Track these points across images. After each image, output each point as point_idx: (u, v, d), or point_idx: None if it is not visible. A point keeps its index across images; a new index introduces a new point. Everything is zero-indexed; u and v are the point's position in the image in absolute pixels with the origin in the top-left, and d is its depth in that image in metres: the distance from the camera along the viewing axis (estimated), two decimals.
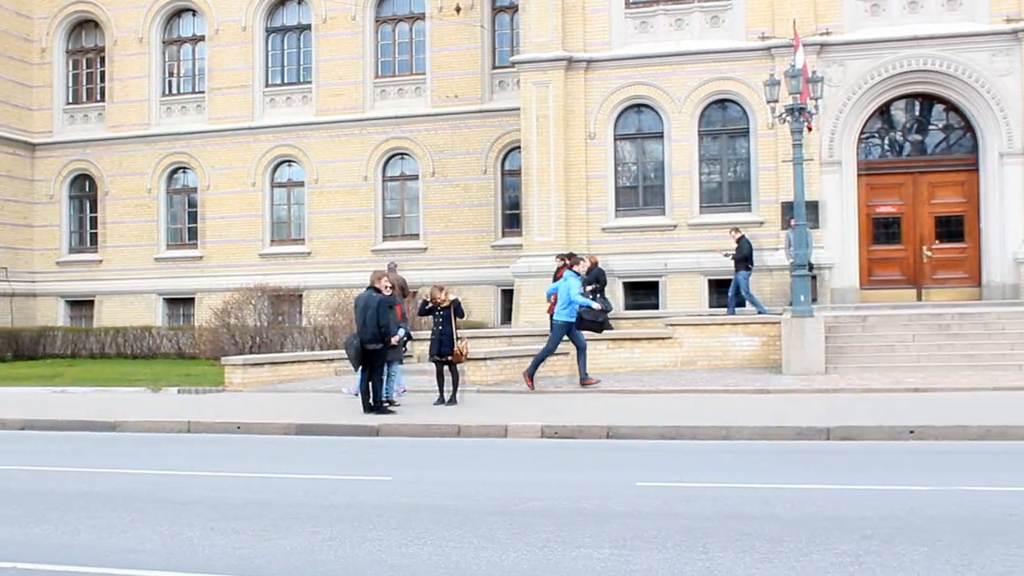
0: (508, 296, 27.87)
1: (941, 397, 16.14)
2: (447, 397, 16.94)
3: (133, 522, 8.75)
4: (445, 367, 17.00)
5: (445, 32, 29.86)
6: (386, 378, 16.73)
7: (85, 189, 34.00)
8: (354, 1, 30.53)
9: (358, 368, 16.45)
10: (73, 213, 34.17)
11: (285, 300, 29.01)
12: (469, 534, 8.07)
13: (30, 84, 33.76)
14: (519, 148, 27.52)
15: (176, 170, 32.79)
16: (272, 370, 21.34)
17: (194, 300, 31.47)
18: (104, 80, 33.57)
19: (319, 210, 30.87)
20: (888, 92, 25.06)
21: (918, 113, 25.67)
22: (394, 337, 16.31)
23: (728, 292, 23.33)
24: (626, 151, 26.77)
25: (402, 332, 17.00)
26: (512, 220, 29.10)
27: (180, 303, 32.20)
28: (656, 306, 25.41)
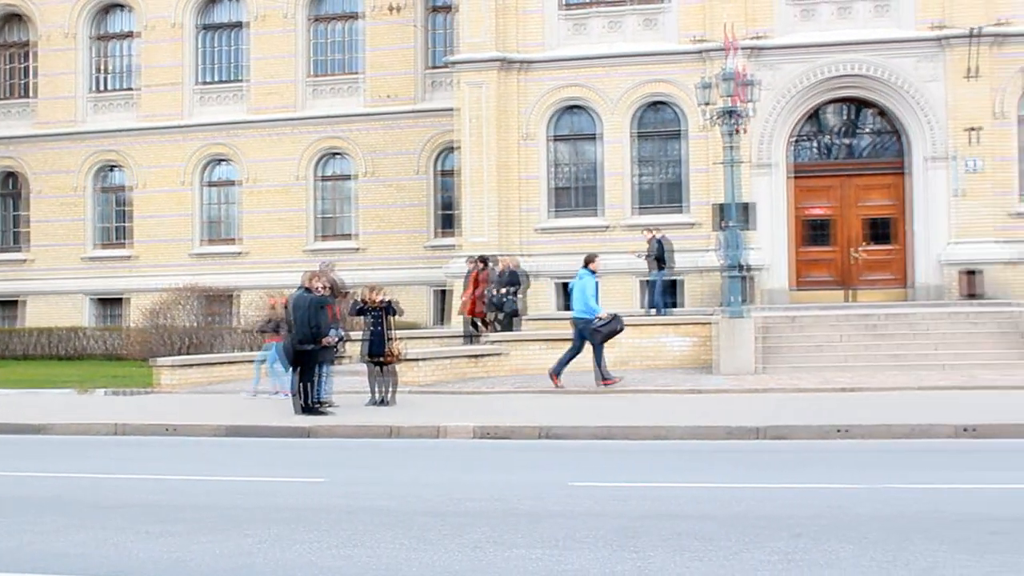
0: (442, 297, 27.82)
1: (869, 396, 16.38)
2: (381, 398, 16.86)
3: (63, 527, 8.60)
4: (379, 368, 16.91)
5: (380, 32, 29.71)
6: (320, 379, 16.61)
7: (11, 187, 33.34)
8: None
9: (291, 369, 16.31)
10: None
11: (217, 300, 28.69)
12: (403, 535, 8.04)
13: None
14: (454, 148, 27.50)
15: (106, 168, 32.26)
16: (204, 371, 21.09)
17: (124, 300, 30.97)
18: (32, 76, 32.93)
19: (252, 209, 30.57)
20: (819, 96, 25.41)
21: (848, 117, 26.07)
22: (327, 338, 16.20)
23: (648, 294, 23.41)
24: (561, 152, 26.86)
25: (336, 333, 16.89)
26: (447, 220, 29.05)
27: (110, 303, 31.68)
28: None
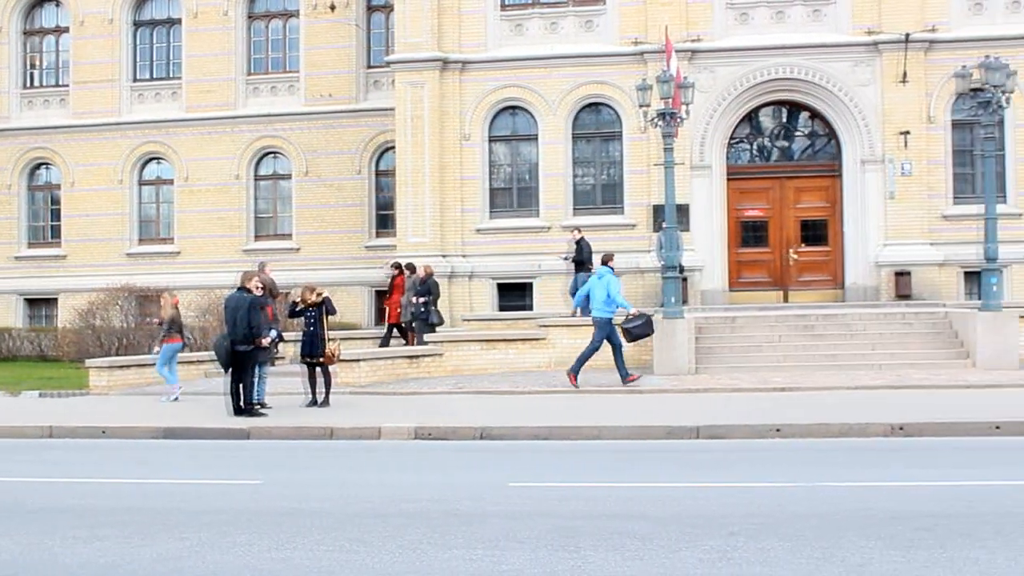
0: (381, 297, 27.68)
1: (805, 396, 16.58)
2: (319, 399, 16.76)
3: None
4: (316, 368, 16.81)
5: (319, 30, 29.51)
6: (257, 380, 16.48)
7: None
8: None
9: (227, 370, 16.15)
10: None
11: (153, 301, 28.25)
12: (341, 537, 8.00)
13: None
14: (393, 148, 27.38)
15: (38, 166, 31.67)
16: (139, 373, 20.81)
17: (57, 301, 30.44)
18: None
19: (188, 209, 30.21)
20: (756, 99, 25.69)
21: (784, 120, 26.38)
22: (265, 339, 16.07)
23: (574, 295, 23.38)
24: (500, 153, 26.88)
25: (273, 333, 16.77)
26: (385, 221, 28.92)
27: (42, 304, 31.13)
28: (529, 307, 25.57)
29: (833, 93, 25.06)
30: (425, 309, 21.91)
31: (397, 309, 23.03)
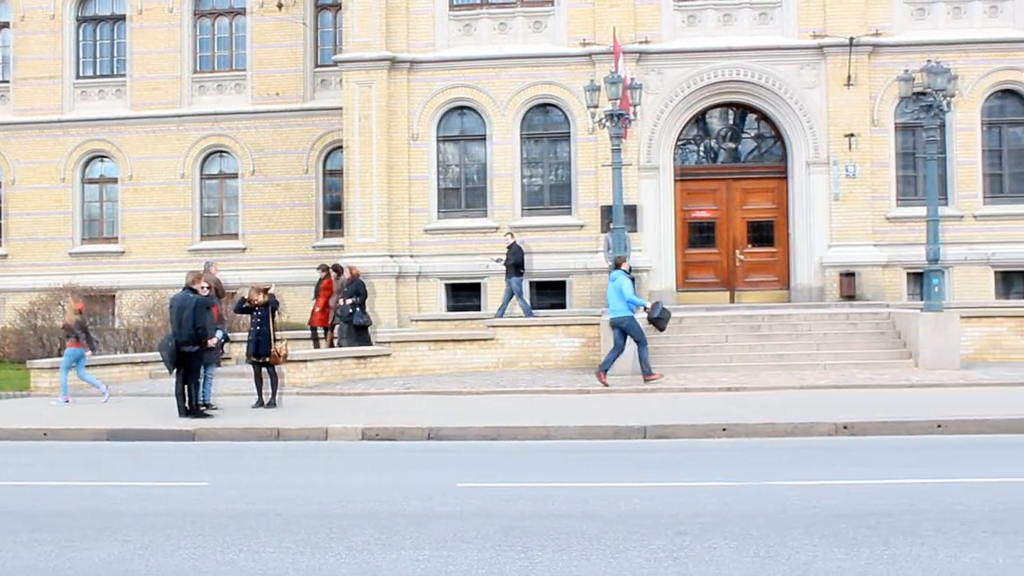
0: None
1: (752, 396, 16.71)
2: (267, 399, 16.63)
3: None
4: (264, 369, 16.68)
5: (267, 28, 29.28)
6: (203, 381, 16.32)
7: None
8: None
9: (173, 371, 15.98)
10: None
11: (97, 301, 27.90)
12: (288, 539, 7.95)
13: None
14: (342, 148, 27.24)
15: None
16: None
17: None
18: None
19: (134, 208, 29.86)
20: (704, 101, 25.87)
21: (732, 122, 26.59)
22: (212, 339, 15.93)
23: (504, 299, 23.32)
24: (449, 153, 26.85)
25: (220, 334, 16.62)
26: (334, 221, 28.77)
27: None
28: (478, 307, 25.55)
29: (780, 96, 25.29)
30: (352, 310, 21.63)
31: (321, 311, 22.59)
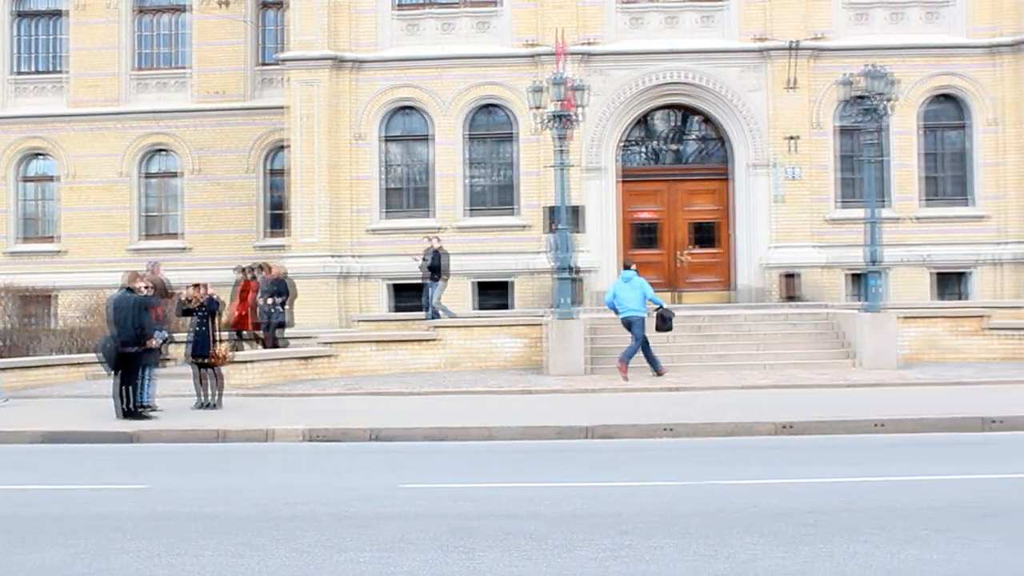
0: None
1: (695, 396, 16.84)
2: (208, 401, 16.47)
3: None
4: (206, 370, 16.52)
5: (209, 26, 28.99)
6: (144, 382, 16.11)
7: None
8: None
9: (113, 372, 15.76)
10: None
11: (35, 301, 27.47)
12: (230, 542, 7.88)
13: None
14: (285, 147, 27.06)
15: None
16: (20, 375, 20.15)
17: None
18: None
19: (73, 207, 29.41)
20: (648, 102, 26.02)
21: (676, 124, 26.77)
22: (154, 340, 15.74)
23: (423, 300, 23.26)
24: (394, 153, 26.76)
25: (161, 335, 16.43)
26: (277, 220, 28.56)
27: None
28: (423, 308, 25.44)
29: (723, 98, 25.51)
30: (274, 309, 21.35)
31: (242, 313, 22.01)
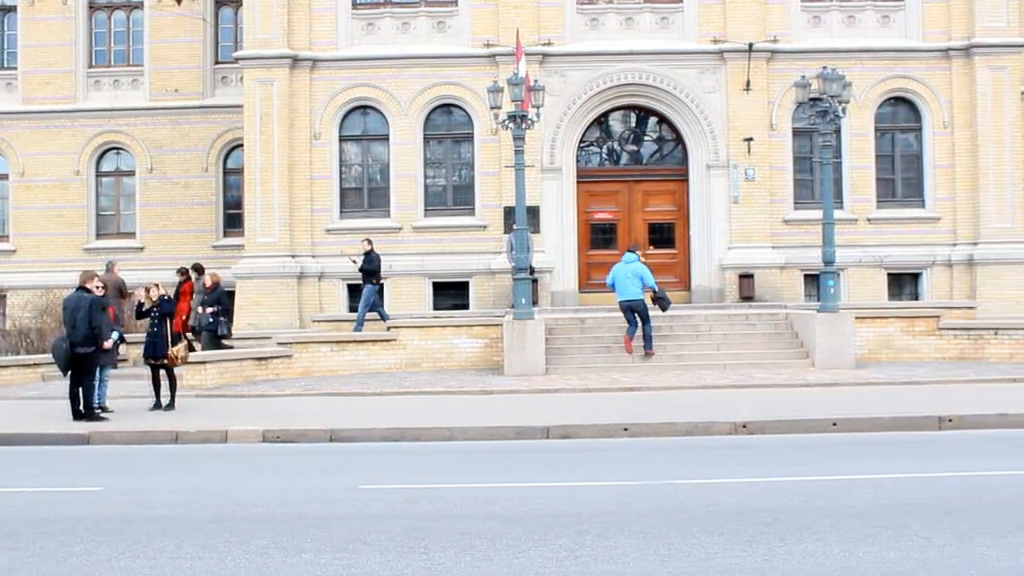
0: (230, 297, 27.12)
1: (653, 396, 16.92)
2: (164, 402, 16.33)
3: None
4: (161, 370, 16.37)
5: (165, 23, 28.73)
6: (98, 383, 15.94)
7: None
8: None
9: (66, 373, 15.58)
10: None
11: None
12: (186, 544, 7.81)
13: None
14: (242, 146, 26.87)
15: None
16: None
17: None
18: None
19: (25, 205, 29.04)
20: (606, 103, 26.08)
21: (634, 124, 26.84)
22: (107, 341, 15.56)
23: (360, 303, 23.04)
24: (351, 152, 26.64)
25: (116, 335, 16.26)
26: (234, 220, 28.37)
27: None
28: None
29: (680, 99, 25.62)
30: (214, 320, 21.16)
31: (183, 317, 21.38)
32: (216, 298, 21.33)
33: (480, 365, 21.00)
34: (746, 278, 25.10)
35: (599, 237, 26.41)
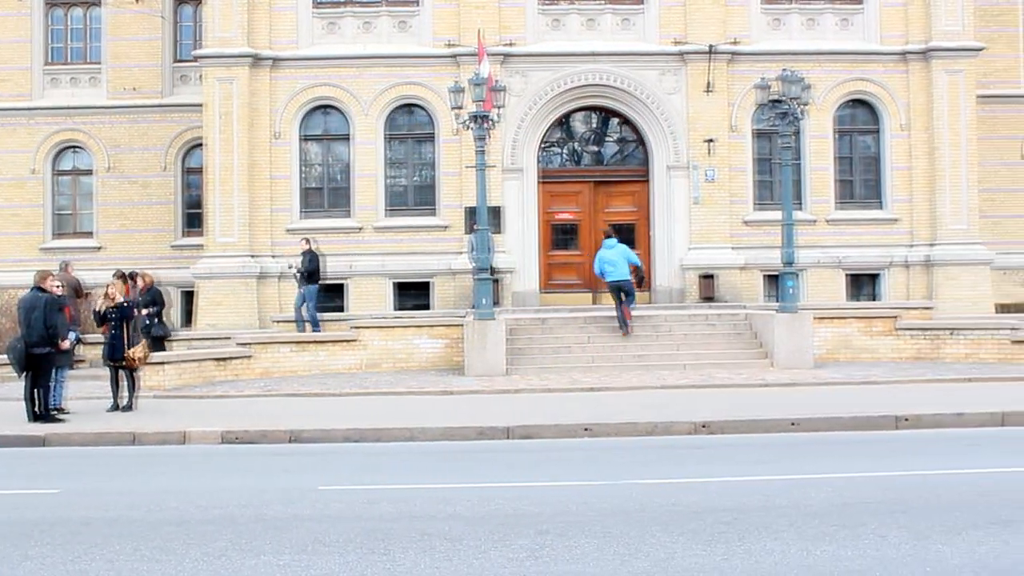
0: (189, 297, 26.96)
1: (614, 396, 16.96)
2: (123, 403, 16.19)
3: None
4: (120, 372, 16.23)
5: (123, 21, 28.46)
6: (55, 384, 15.76)
7: None
8: None
9: (22, 374, 15.40)
10: None
11: None
12: (144, 546, 7.75)
13: None
14: (202, 145, 26.67)
15: None
16: None
17: None
18: None
19: None
20: (568, 104, 26.12)
21: (596, 125, 26.90)
22: (64, 341, 15.39)
23: (296, 305, 23.06)
24: (313, 152, 26.53)
25: (73, 336, 16.09)
26: (194, 220, 28.14)
27: None
28: (342, 308, 25.31)
29: (642, 100, 25.70)
30: (150, 321, 20.95)
31: None
32: (151, 298, 21.01)
33: (441, 365, 20.97)
34: (707, 279, 25.23)
35: (561, 237, 26.45)
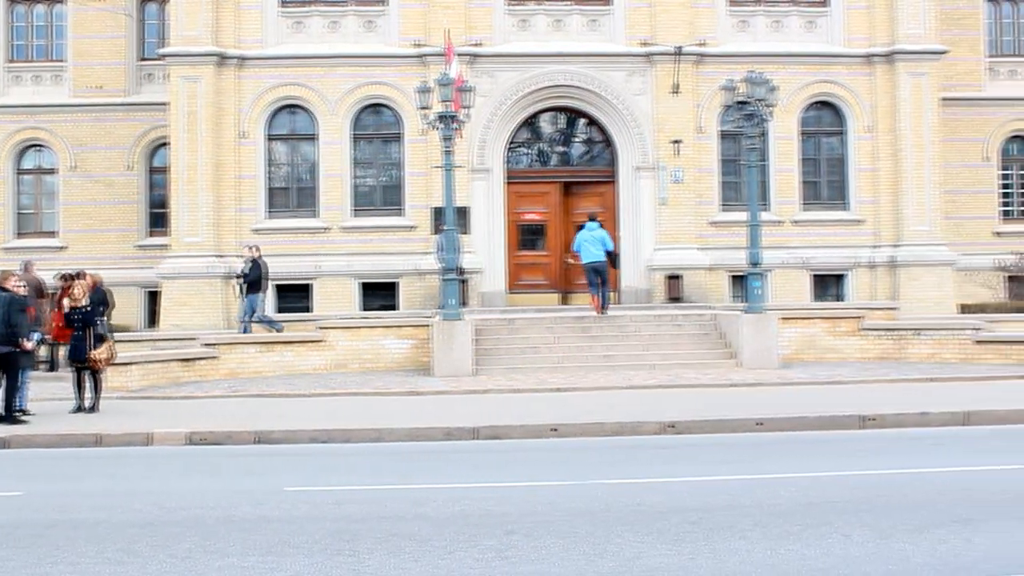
0: (154, 298, 26.78)
1: (581, 396, 16.98)
2: (87, 404, 16.05)
3: None
4: (84, 373, 16.09)
5: (88, 18, 28.24)
6: (18, 385, 15.59)
7: None
8: None
9: None
10: None
11: None
12: (108, 548, 7.69)
13: None
14: (168, 144, 26.50)
15: None
16: None
17: None
18: None
19: None
20: (535, 104, 26.16)
21: (563, 126, 26.97)
22: (27, 342, 15.24)
23: (238, 317, 22.97)
24: (279, 152, 26.43)
25: (36, 336, 15.93)
26: (159, 219, 27.94)
27: None
28: (308, 309, 25.24)
29: (609, 101, 25.78)
30: (101, 321, 20.69)
31: (59, 324, 19.90)
32: (98, 299, 20.76)
33: (408, 366, 20.94)
34: (674, 279, 25.34)
35: (528, 238, 26.50)
